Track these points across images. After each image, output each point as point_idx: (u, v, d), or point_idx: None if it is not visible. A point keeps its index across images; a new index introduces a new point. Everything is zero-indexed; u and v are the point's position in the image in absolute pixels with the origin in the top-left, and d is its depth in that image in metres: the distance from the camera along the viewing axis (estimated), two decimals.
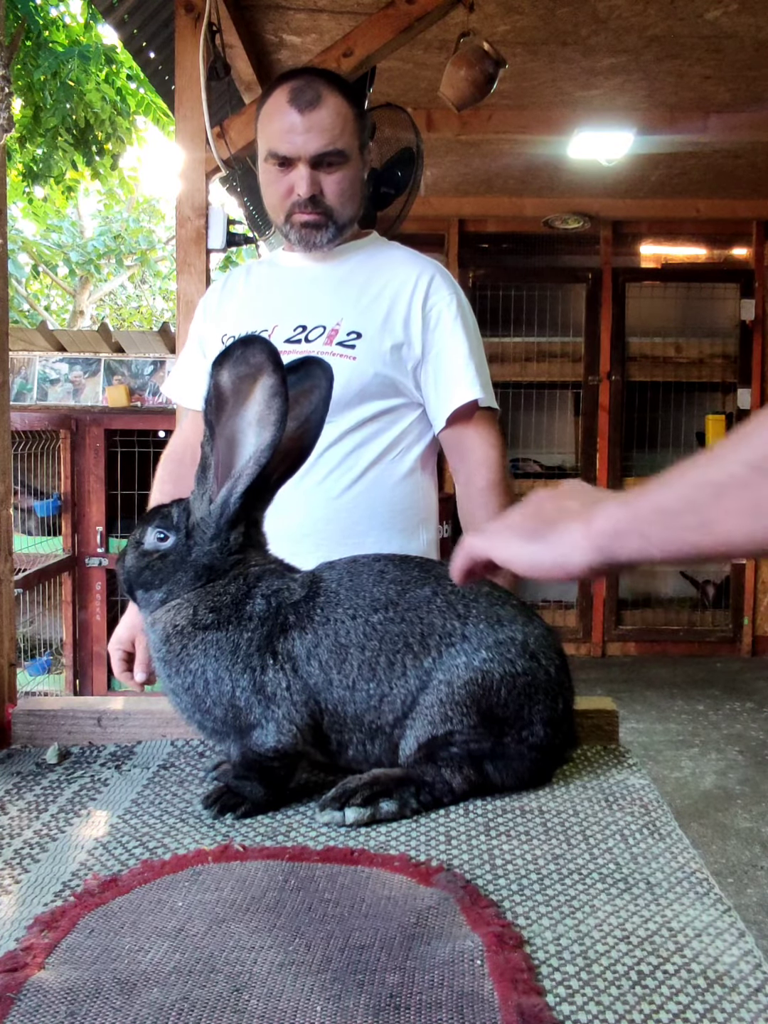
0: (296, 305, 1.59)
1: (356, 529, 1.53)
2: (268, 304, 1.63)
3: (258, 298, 1.66)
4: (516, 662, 0.96)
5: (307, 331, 1.57)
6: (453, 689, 0.95)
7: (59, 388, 4.35)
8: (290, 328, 1.57)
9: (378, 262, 1.63)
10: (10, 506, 1.23)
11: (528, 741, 0.97)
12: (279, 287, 1.64)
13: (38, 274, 11.41)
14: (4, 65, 1.17)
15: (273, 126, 1.51)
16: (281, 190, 1.54)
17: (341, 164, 1.52)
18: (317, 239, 1.57)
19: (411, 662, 0.96)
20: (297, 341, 1.55)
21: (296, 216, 1.55)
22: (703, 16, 2.94)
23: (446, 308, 1.58)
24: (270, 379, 0.93)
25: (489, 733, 0.96)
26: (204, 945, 0.71)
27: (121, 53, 5.80)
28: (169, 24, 2.93)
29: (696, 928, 0.74)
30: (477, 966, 0.68)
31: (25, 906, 0.77)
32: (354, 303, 1.57)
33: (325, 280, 1.62)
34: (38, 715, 1.15)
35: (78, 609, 3.94)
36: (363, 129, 1.57)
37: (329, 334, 1.55)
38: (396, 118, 2.93)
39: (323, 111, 1.49)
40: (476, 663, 0.95)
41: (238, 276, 1.72)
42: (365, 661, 0.95)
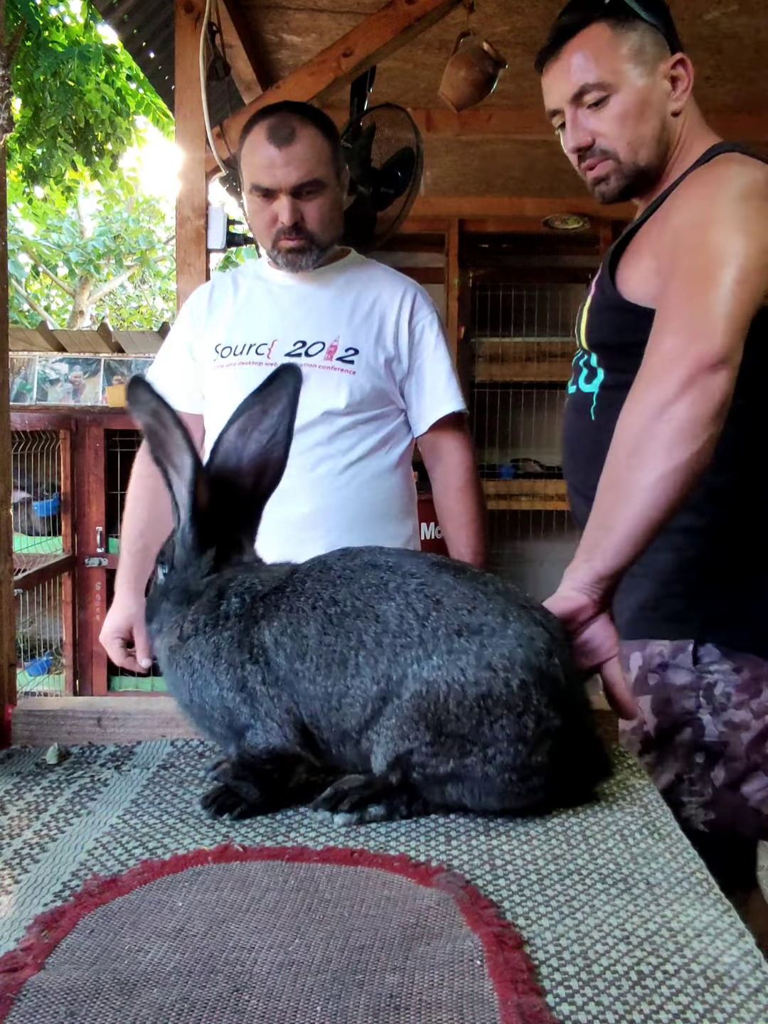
0: (292, 322, 1.74)
1: (359, 515, 1.71)
2: (263, 319, 1.76)
3: (251, 312, 1.78)
4: (466, 672, 0.86)
5: (307, 346, 1.71)
6: (402, 701, 0.88)
7: (59, 388, 4.35)
8: (289, 343, 1.72)
9: (363, 281, 1.79)
10: (10, 506, 1.23)
11: (495, 761, 0.87)
12: (272, 302, 1.78)
13: (38, 274, 11.42)
14: (4, 65, 1.17)
15: (254, 161, 1.64)
16: (266, 219, 1.68)
17: (319, 192, 1.66)
18: (302, 262, 1.72)
19: (364, 661, 0.89)
20: (297, 355, 1.69)
21: (281, 243, 1.69)
22: (702, 17, 2.95)
23: (428, 325, 1.78)
24: (163, 412, 0.96)
25: (448, 752, 0.87)
26: (204, 945, 0.71)
27: (121, 53, 5.81)
28: (169, 24, 2.93)
29: (696, 928, 0.74)
30: (477, 966, 0.68)
31: (25, 906, 0.77)
32: (348, 321, 1.73)
33: (317, 298, 1.76)
34: (38, 715, 1.15)
35: (78, 609, 3.94)
36: (338, 156, 1.70)
37: (329, 350, 1.71)
38: (396, 118, 2.93)
39: (299, 145, 1.62)
40: (424, 672, 0.87)
41: (225, 286, 1.83)
42: (322, 655, 0.91)
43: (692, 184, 1.23)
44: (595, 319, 1.36)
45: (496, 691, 0.86)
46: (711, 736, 1.26)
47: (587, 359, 1.39)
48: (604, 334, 1.35)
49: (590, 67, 1.28)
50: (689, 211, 1.18)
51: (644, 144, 1.30)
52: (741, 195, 1.15)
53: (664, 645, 1.29)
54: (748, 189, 1.16)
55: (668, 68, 1.30)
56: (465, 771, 0.88)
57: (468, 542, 1.81)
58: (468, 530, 1.82)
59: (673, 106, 1.31)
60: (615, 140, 1.30)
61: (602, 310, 1.34)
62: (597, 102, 1.29)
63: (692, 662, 1.26)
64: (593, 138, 1.31)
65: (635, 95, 1.28)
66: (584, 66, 1.28)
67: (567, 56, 1.30)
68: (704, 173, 1.24)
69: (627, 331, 1.28)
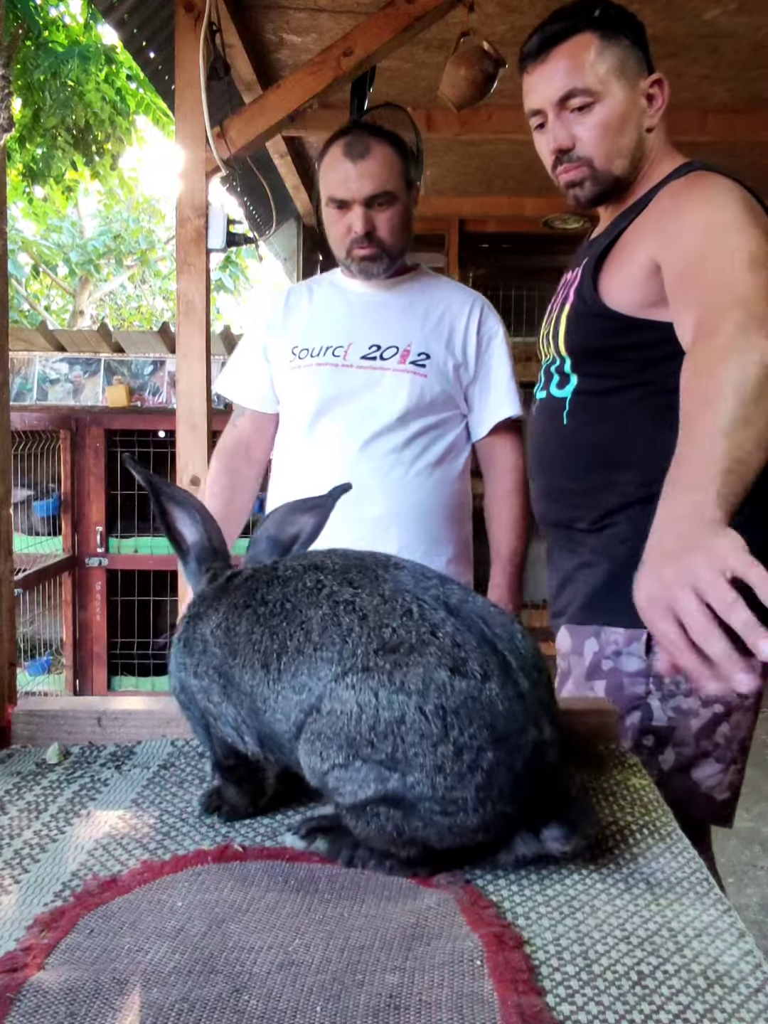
0: (367, 326, 1.84)
1: (427, 518, 1.81)
2: (339, 324, 1.86)
3: (327, 317, 1.88)
4: (378, 692, 0.77)
5: (381, 350, 1.82)
6: (321, 717, 0.80)
7: (59, 388, 4.35)
8: (365, 346, 1.82)
9: (433, 291, 1.91)
10: (10, 506, 1.23)
11: (414, 791, 0.77)
12: (347, 308, 1.88)
13: (38, 274, 11.41)
14: (4, 65, 1.17)
15: (331, 176, 1.77)
16: (341, 229, 1.80)
17: (390, 203, 1.77)
18: (374, 269, 1.83)
19: (285, 667, 0.83)
20: (373, 358, 1.82)
21: (355, 251, 1.80)
22: (701, 16, 2.94)
23: (495, 335, 1.91)
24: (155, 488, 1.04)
25: (365, 778, 0.79)
26: (204, 945, 0.71)
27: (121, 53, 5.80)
28: (169, 24, 2.92)
29: (696, 928, 0.74)
30: (477, 966, 0.68)
31: (25, 906, 0.77)
32: (420, 328, 1.84)
33: (391, 305, 1.87)
34: (38, 715, 1.15)
35: (78, 609, 3.94)
36: (408, 171, 1.82)
37: (402, 354, 1.82)
38: (396, 118, 2.93)
39: (372, 160, 1.74)
40: (340, 690, 0.79)
41: (300, 294, 1.95)
42: (249, 653, 0.86)
43: (683, 197, 1.27)
44: (576, 326, 1.39)
45: (409, 717, 0.77)
46: (659, 720, 1.32)
47: (560, 365, 1.43)
48: (586, 340, 1.38)
49: (578, 73, 1.32)
50: (694, 221, 1.22)
51: (620, 155, 1.36)
52: (734, 201, 1.21)
53: (619, 633, 1.34)
54: (738, 198, 1.22)
55: (647, 86, 1.36)
56: (387, 797, 0.79)
57: (510, 544, 1.91)
58: (513, 533, 1.91)
59: (648, 123, 1.37)
60: (594, 147, 1.35)
61: (584, 317, 1.37)
62: (582, 107, 1.33)
63: (645, 651, 1.31)
64: (574, 142, 1.36)
65: (617, 106, 1.33)
66: (572, 71, 1.32)
67: (556, 59, 1.34)
68: (691, 187, 1.28)
69: (609, 337, 1.34)
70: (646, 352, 1.31)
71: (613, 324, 1.33)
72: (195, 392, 2.57)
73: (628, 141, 1.36)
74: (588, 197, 1.41)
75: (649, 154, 1.39)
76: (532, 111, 1.40)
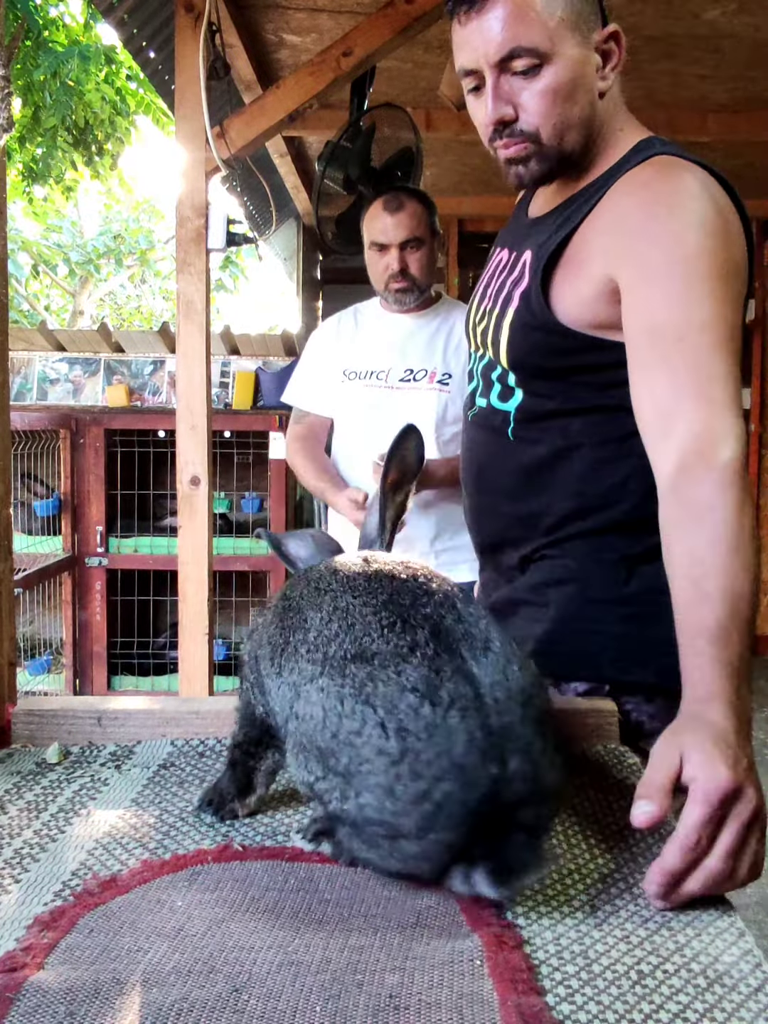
0: (402, 353, 2.34)
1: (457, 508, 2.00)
2: (380, 351, 2.35)
3: (371, 345, 2.38)
4: (344, 700, 0.76)
5: (414, 373, 2.31)
6: (298, 719, 0.80)
7: (59, 388, 4.35)
8: (401, 371, 2.32)
9: (453, 320, 2.34)
10: (10, 506, 1.23)
11: (363, 811, 0.75)
12: (386, 337, 2.37)
13: (38, 274, 11.41)
14: (4, 65, 1.17)
15: (373, 224, 2.27)
16: (381, 267, 2.29)
17: (419, 247, 2.26)
18: (406, 299, 2.31)
19: (284, 662, 0.84)
20: (408, 380, 2.31)
21: (391, 285, 2.28)
22: (700, 16, 2.94)
23: None
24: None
25: (333, 789, 0.77)
26: (203, 945, 0.71)
27: (121, 53, 5.80)
28: (169, 24, 2.92)
29: (696, 928, 0.74)
30: (476, 966, 0.68)
31: (25, 906, 0.77)
32: (443, 353, 2.32)
33: (420, 335, 2.35)
34: (38, 715, 1.15)
35: (78, 609, 3.95)
36: (434, 222, 2.31)
37: (430, 375, 2.30)
38: (396, 118, 2.93)
39: (404, 212, 2.23)
40: (311, 689, 0.78)
41: (348, 320, 2.45)
42: (266, 644, 0.89)
43: (647, 203, 1.10)
44: (520, 337, 1.21)
45: (368, 730, 0.74)
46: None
47: (502, 375, 1.26)
48: (532, 357, 1.21)
49: (525, 28, 1.07)
50: (663, 250, 1.07)
51: (571, 127, 1.13)
52: (702, 215, 1.07)
53: (580, 685, 1.23)
54: (706, 208, 1.07)
55: (601, 40, 1.12)
56: (340, 817, 0.78)
57: None
58: None
59: (601, 85, 1.14)
60: (542, 119, 1.12)
61: (529, 329, 1.19)
62: (526, 71, 1.09)
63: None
64: (517, 112, 1.12)
65: (569, 69, 1.10)
66: (517, 24, 1.07)
67: (496, 8, 1.08)
68: (655, 187, 1.11)
69: (559, 357, 1.18)
70: (600, 375, 1.17)
71: (564, 341, 1.16)
72: (195, 392, 2.57)
73: (579, 110, 1.13)
74: (533, 177, 1.17)
75: (602, 124, 1.17)
76: (465, 71, 1.14)
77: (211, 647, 2.59)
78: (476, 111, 1.17)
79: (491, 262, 1.35)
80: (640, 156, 1.15)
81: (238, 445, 3.98)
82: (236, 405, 4.21)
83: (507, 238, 1.34)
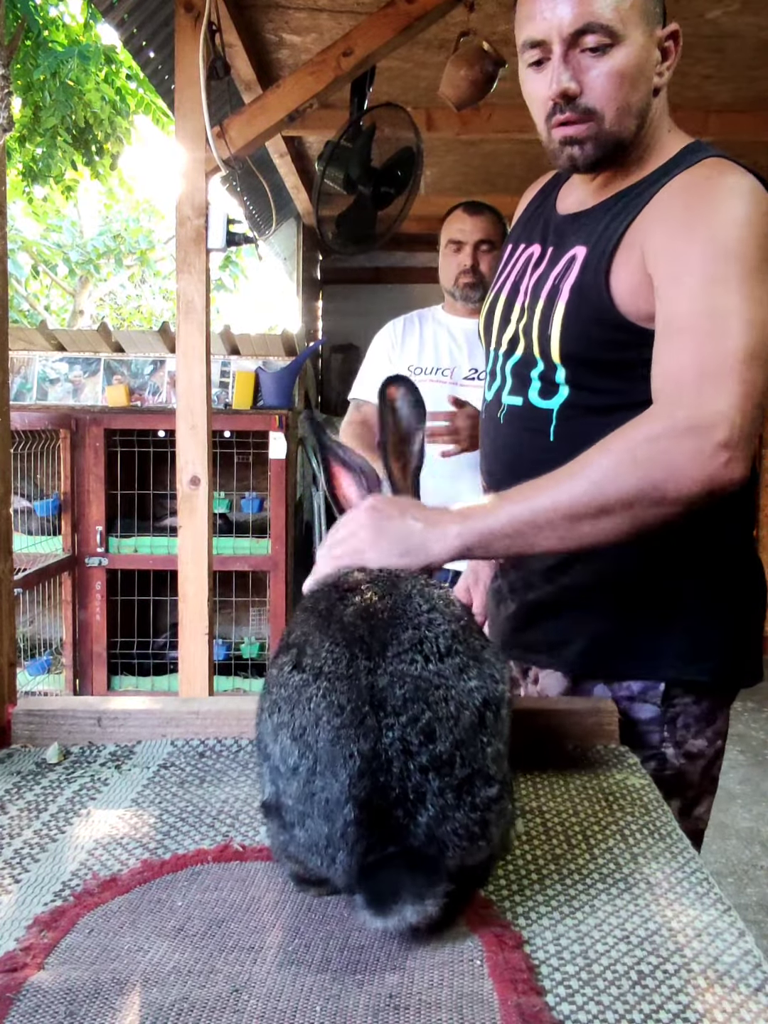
0: (466, 354, 2.49)
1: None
2: (444, 350, 2.52)
3: (435, 344, 2.53)
4: (272, 689, 0.77)
5: (479, 372, 2.40)
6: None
7: (59, 388, 4.35)
8: (465, 369, 2.47)
9: None
10: (10, 506, 1.23)
11: (280, 798, 0.75)
12: (451, 339, 2.53)
13: (38, 274, 11.40)
14: (4, 65, 1.17)
15: (452, 225, 2.53)
16: (454, 264, 2.50)
17: (491, 250, 2.48)
18: (473, 296, 2.48)
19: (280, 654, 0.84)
20: (472, 379, 2.44)
21: (461, 280, 2.48)
22: (704, 16, 2.94)
23: None
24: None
25: (265, 776, 0.78)
26: (203, 945, 0.71)
27: (121, 53, 5.80)
28: (169, 23, 2.92)
29: (696, 928, 0.74)
30: (477, 966, 0.68)
31: (25, 906, 0.77)
32: None
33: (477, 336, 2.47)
34: (38, 715, 1.15)
35: (78, 609, 3.94)
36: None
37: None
38: (396, 117, 2.93)
39: (482, 216, 2.53)
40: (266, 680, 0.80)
41: (413, 323, 2.61)
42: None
43: (689, 204, 1.10)
44: (579, 332, 1.18)
45: (351, 733, 0.72)
46: (671, 768, 1.22)
47: (545, 372, 1.23)
48: (592, 351, 1.18)
49: (601, 5, 1.07)
50: (698, 256, 1.06)
51: (630, 113, 1.13)
52: (747, 235, 1.05)
53: (633, 683, 1.23)
54: (751, 225, 1.06)
55: (663, 36, 1.15)
56: (267, 804, 0.79)
57: None
58: None
59: (657, 81, 1.16)
60: (607, 100, 1.11)
61: (591, 324, 1.17)
62: (597, 48, 1.09)
63: (661, 700, 1.21)
64: (581, 88, 1.11)
65: (636, 55, 1.10)
66: (594, 1, 1.07)
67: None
68: (704, 186, 1.11)
69: (621, 350, 1.16)
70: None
71: (625, 335, 1.14)
72: (195, 392, 2.56)
73: (639, 99, 1.13)
74: (588, 160, 1.16)
75: (654, 120, 1.18)
76: (531, 42, 1.13)
77: (211, 647, 2.59)
78: (535, 86, 1.15)
79: (513, 258, 1.33)
80: (695, 157, 1.15)
81: (238, 445, 3.98)
82: (236, 405, 4.21)
83: (531, 234, 1.32)
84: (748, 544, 1.28)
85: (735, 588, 1.24)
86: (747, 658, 1.25)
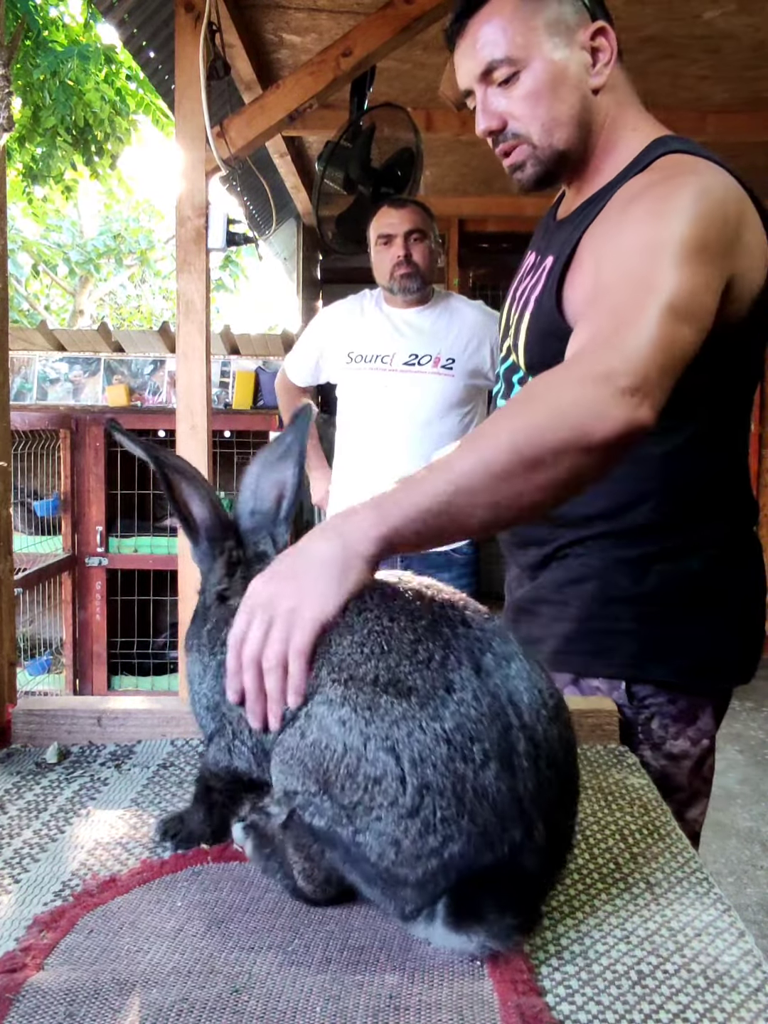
0: (407, 340, 2.53)
1: None
2: (384, 337, 2.54)
3: (375, 331, 2.56)
4: (368, 743, 0.70)
5: (419, 358, 2.50)
6: (304, 738, 0.74)
7: (59, 388, 4.35)
8: (405, 355, 2.51)
9: (451, 310, 2.58)
10: (10, 506, 1.23)
11: (359, 850, 0.71)
12: (391, 326, 2.56)
13: (38, 274, 11.40)
14: (4, 65, 1.17)
15: (380, 221, 2.53)
16: (387, 259, 2.50)
17: (422, 239, 2.51)
18: (411, 287, 2.51)
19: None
20: (412, 364, 2.50)
21: (396, 272, 2.49)
22: (700, 16, 2.94)
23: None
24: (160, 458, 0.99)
25: (323, 812, 0.73)
26: (203, 946, 0.71)
27: (121, 53, 5.80)
28: (169, 23, 2.92)
29: (696, 928, 0.74)
30: (477, 966, 0.68)
31: (24, 906, 0.77)
32: (444, 339, 2.52)
33: (423, 323, 2.56)
34: (38, 715, 1.15)
35: (78, 609, 3.94)
36: (432, 225, 2.56)
37: (434, 360, 2.50)
38: (396, 118, 2.93)
39: (407, 209, 2.52)
40: (330, 718, 0.72)
41: (353, 309, 2.64)
42: None
43: (642, 199, 1.07)
44: (536, 340, 1.21)
45: (387, 782, 0.69)
46: (653, 771, 1.18)
47: (522, 378, 1.26)
48: (543, 359, 1.16)
49: (498, 41, 1.13)
50: (634, 235, 1.04)
51: (560, 124, 1.15)
52: (695, 219, 1.02)
53: (599, 682, 1.22)
54: (703, 216, 1.02)
55: (587, 39, 1.14)
56: (333, 839, 0.73)
57: None
58: None
59: (593, 82, 1.15)
60: (528, 121, 1.15)
61: (543, 335, 1.19)
62: (506, 79, 1.14)
63: (628, 699, 1.21)
64: (505, 120, 1.16)
65: (547, 70, 1.13)
66: (492, 40, 1.13)
67: (474, 30, 1.15)
68: (656, 186, 1.08)
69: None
70: None
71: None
72: (195, 392, 2.57)
73: (567, 108, 1.14)
74: (531, 179, 1.19)
75: (603, 119, 1.17)
76: (464, 92, 1.21)
77: None
78: (477, 127, 1.23)
79: (521, 266, 1.36)
80: (650, 156, 1.14)
81: (238, 445, 3.98)
82: (236, 405, 4.21)
83: (535, 241, 1.36)
84: (734, 544, 1.26)
85: (711, 589, 1.23)
86: (728, 657, 1.24)
